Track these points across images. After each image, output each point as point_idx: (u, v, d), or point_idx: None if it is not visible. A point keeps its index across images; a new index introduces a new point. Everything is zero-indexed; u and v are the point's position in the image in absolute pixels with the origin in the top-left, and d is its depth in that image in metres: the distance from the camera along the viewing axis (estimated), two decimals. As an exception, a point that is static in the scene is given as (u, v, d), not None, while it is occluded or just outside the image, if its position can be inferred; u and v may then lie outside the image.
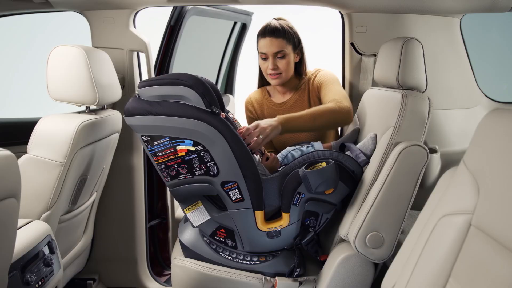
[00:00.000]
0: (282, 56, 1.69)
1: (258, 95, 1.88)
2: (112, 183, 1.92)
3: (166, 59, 2.10)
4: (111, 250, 1.99)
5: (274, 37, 1.67)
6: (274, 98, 1.85)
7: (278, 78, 1.72)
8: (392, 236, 1.30)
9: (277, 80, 1.73)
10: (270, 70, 1.70)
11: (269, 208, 1.43)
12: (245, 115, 1.90)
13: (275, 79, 1.72)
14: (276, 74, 1.71)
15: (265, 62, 1.70)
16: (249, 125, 1.63)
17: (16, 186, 0.90)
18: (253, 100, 1.87)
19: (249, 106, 1.87)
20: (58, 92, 1.50)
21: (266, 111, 1.83)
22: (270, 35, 1.67)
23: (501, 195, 0.70)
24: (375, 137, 1.48)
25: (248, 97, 1.89)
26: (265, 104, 1.84)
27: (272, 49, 1.67)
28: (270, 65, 1.69)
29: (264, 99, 1.85)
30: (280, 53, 1.68)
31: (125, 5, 1.79)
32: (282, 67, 1.70)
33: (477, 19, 2.13)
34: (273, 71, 1.70)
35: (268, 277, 1.45)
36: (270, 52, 1.68)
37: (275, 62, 1.69)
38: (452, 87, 1.95)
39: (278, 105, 1.82)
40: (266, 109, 1.83)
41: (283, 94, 1.84)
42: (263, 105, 1.85)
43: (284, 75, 1.72)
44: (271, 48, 1.67)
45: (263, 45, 1.69)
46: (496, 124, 0.75)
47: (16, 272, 1.10)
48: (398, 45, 1.43)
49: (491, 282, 0.68)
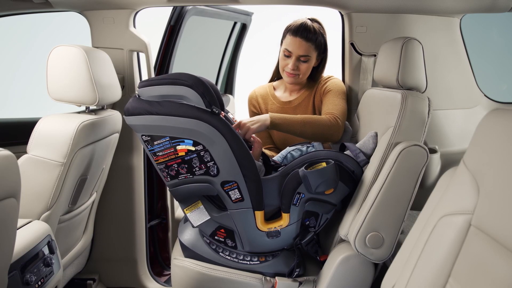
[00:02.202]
0: (305, 60, 1.69)
1: (263, 90, 1.87)
2: (112, 183, 1.92)
3: (166, 59, 2.10)
4: (111, 250, 1.99)
5: (304, 40, 1.65)
6: (280, 95, 1.84)
7: (294, 78, 1.72)
8: (392, 236, 1.30)
9: (293, 79, 1.72)
10: (290, 69, 1.69)
11: (269, 208, 1.43)
12: (248, 109, 1.88)
13: (291, 77, 1.72)
14: (294, 74, 1.71)
15: (287, 59, 1.69)
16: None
17: (16, 186, 0.90)
18: (258, 95, 1.86)
19: (253, 101, 1.86)
20: (58, 92, 1.50)
21: (270, 107, 1.82)
22: (302, 36, 1.65)
23: (501, 195, 0.70)
24: (375, 136, 1.48)
25: (252, 91, 1.88)
26: (270, 100, 1.83)
27: (298, 51, 1.67)
28: (291, 65, 1.68)
29: (269, 95, 1.84)
30: (304, 57, 1.68)
31: (125, 5, 1.79)
32: (302, 69, 1.70)
33: (477, 19, 2.13)
34: (292, 71, 1.70)
35: (268, 277, 1.45)
36: (296, 53, 1.67)
37: (297, 64, 1.69)
38: (452, 87, 1.95)
39: (284, 103, 1.81)
40: (270, 105, 1.82)
41: (291, 92, 1.83)
42: (268, 101, 1.84)
43: (301, 77, 1.73)
44: (298, 49, 1.66)
45: (291, 43, 1.67)
46: (496, 124, 0.75)
47: (16, 272, 1.10)
48: (398, 45, 1.44)
49: (491, 282, 0.68)
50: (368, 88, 1.85)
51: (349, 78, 1.94)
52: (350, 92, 1.95)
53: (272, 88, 1.86)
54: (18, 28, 3.28)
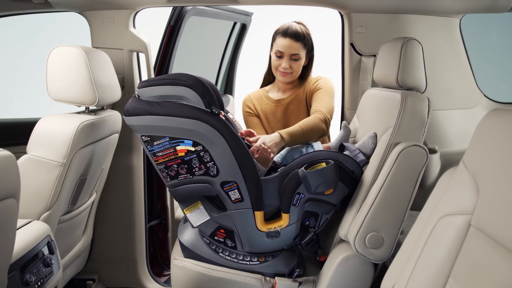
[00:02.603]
0: (297, 59, 1.80)
1: (257, 93, 1.97)
2: (112, 184, 1.92)
3: (166, 59, 2.10)
4: (111, 251, 1.99)
5: (294, 40, 1.77)
6: (273, 96, 1.93)
7: (287, 76, 1.83)
8: (391, 237, 1.30)
9: (286, 77, 1.83)
10: (283, 68, 1.80)
11: (268, 208, 1.43)
12: (243, 113, 1.97)
13: (284, 76, 1.83)
14: (287, 73, 1.82)
15: (279, 59, 1.81)
16: (246, 122, 1.85)
17: (15, 186, 0.90)
18: (252, 98, 1.95)
19: (248, 103, 1.94)
20: (57, 93, 1.50)
21: (264, 106, 1.91)
22: (291, 37, 1.77)
23: (500, 195, 0.70)
24: (375, 136, 1.48)
25: (247, 96, 1.97)
26: (264, 101, 1.92)
27: (290, 51, 1.78)
28: (284, 64, 1.80)
29: (263, 97, 1.93)
30: (295, 55, 1.79)
31: (125, 6, 1.79)
32: (294, 68, 1.81)
33: (476, 19, 2.13)
34: (285, 69, 1.81)
35: (268, 277, 1.45)
36: (288, 52, 1.78)
37: (289, 63, 1.80)
38: (451, 87, 1.95)
39: (277, 101, 1.90)
40: (265, 105, 1.91)
41: (283, 91, 1.91)
42: (262, 101, 1.92)
43: (294, 75, 1.83)
44: (289, 49, 1.77)
45: (282, 44, 1.78)
46: (495, 124, 0.75)
47: (16, 273, 1.10)
48: (398, 45, 1.43)
49: (491, 282, 0.68)
50: (368, 88, 1.85)
51: (349, 78, 1.94)
52: (350, 92, 1.95)
53: (265, 91, 1.96)
54: (18, 28, 3.28)
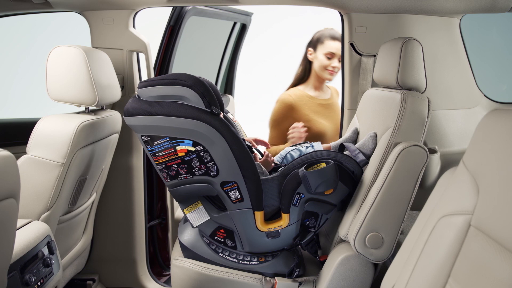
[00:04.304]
0: (339, 60, 2.01)
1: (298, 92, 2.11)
2: (112, 184, 1.92)
3: (165, 60, 2.10)
4: (111, 251, 1.99)
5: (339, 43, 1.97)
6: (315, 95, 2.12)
7: (334, 75, 2.06)
8: (391, 237, 1.30)
9: (333, 76, 2.06)
10: (333, 68, 2.03)
11: (268, 208, 1.43)
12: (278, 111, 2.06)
13: (333, 75, 2.06)
14: (335, 72, 2.05)
15: (330, 60, 2.04)
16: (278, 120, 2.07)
17: (15, 186, 0.90)
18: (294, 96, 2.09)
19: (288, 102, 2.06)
20: (57, 93, 1.50)
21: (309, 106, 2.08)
22: (339, 41, 1.97)
23: (500, 196, 0.70)
24: (375, 136, 1.48)
25: (287, 95, 2.09)
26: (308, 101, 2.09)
27: (338, 53, 2.01)
28: (335, 64, 2.03)
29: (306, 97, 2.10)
30: (339, 57, 2.00)
31: (125, 6, 1.79)
32: (339, 68, 2.03)
33: (476, 19, 2.13)
34: (335, 69, 2.04)
35: (268, 277, 1.45)
36: (338, 54, 2.01)
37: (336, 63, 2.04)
38: (451, 87, 1.94)
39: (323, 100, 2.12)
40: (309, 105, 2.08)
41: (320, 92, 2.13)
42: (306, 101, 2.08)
43: (336, 74, 2.06)
44: (338, 51, 2.01)
45: (334, 46, 2.03)
46: (495, 124, 0.75)
47: (16, 273, 1.10)
48: (398, 45, 1.43)
49: (491, 282, 0.68)
50: (368, 88, 1.85)
51: (349, 78, 1.94)
52: (350, 92, 1.95)
53: (303, 91, 2.11)
54: (18, 28, 3.28)
